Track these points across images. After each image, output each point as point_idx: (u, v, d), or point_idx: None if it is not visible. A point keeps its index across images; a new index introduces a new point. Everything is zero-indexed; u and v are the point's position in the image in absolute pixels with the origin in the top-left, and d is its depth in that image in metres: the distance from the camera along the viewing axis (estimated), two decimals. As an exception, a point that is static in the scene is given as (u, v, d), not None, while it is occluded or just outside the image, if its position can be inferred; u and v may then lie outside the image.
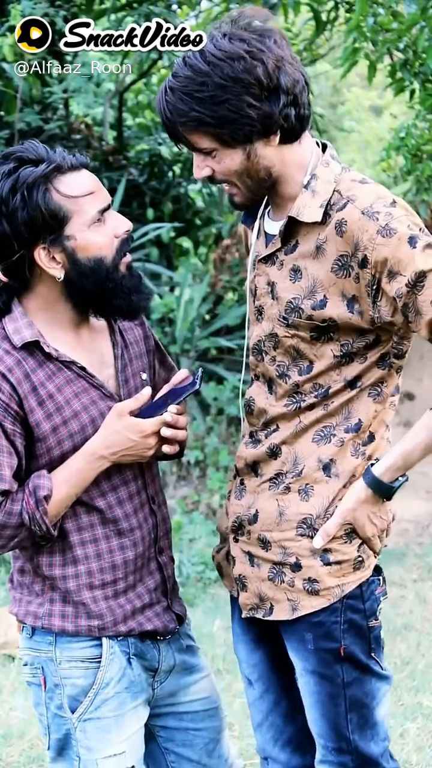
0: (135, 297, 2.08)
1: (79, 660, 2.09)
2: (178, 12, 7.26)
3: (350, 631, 2.05)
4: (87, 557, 2.08)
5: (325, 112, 10.48)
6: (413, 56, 5.02)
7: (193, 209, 8.28)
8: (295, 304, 2.01)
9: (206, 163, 1.99)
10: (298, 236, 2.02)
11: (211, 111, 1.90)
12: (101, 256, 2.02)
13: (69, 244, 2.00)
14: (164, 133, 8.35)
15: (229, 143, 1.94)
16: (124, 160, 8.02)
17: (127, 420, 2.03)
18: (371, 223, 1.93)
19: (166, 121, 1.97)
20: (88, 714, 2.08)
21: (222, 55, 1.89)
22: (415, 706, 3.69)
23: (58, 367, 2.04)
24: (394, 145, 5.85)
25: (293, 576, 2.05)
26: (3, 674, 4.19)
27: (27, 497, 2.01)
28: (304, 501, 2.06)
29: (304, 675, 2.08)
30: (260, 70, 1.90)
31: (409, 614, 4.72)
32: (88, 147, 7.88)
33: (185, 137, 1.97)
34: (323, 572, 2.04)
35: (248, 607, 2.13)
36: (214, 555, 2.28)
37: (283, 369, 2.05)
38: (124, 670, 2.11)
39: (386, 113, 12.21)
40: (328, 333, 2.01)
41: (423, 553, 5.68)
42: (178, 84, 1.92)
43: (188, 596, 5.27)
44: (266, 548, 2.08)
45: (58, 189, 1.98)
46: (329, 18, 6.25)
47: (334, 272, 1.97)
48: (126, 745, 2.11)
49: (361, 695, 2.07)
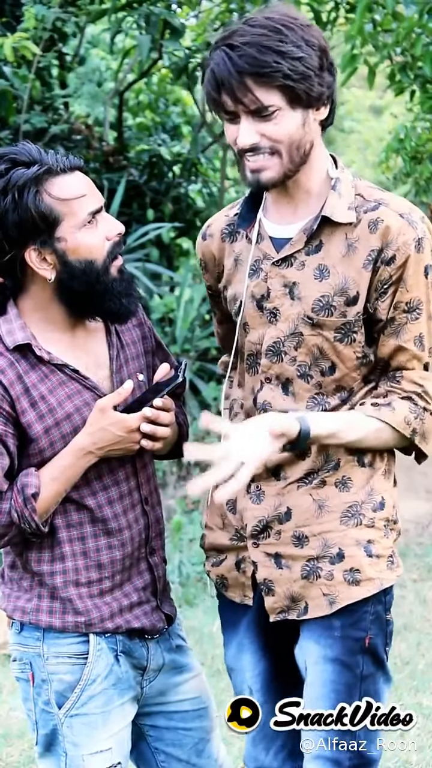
0: (125, 300, 2.09)
1: (66, 656, 2.10)
2: (179, 12, 7.25)
3: (376, 622, 2.09)
4: (74, 554, 2.09)
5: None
6: (411, 60, 5.04)
7: (193, 209, 8.27)
8: (325, 302, 2.03)
9: (258, 129, 1.95)
10: (322, 236, 2.04)
11: (291, 65, 1.90)
12: (92, 258, 2.03)
13: (59, 246, 2.01)
14: (165, 134, 8.36)
15: (299, 102, 1.94)
16: (124, 161, 8.01)
17: (111, 415, 2.03)
18: (410, 230, 2.00)
19: (231, 76, 1.91)
20: (75, 710, 2.09)
21: (291, 20, 1.93)
22: (415, 706, 3.70)
23: (51, 369, 2.06)
24: (393, 147, 5.86)
25: (332, 568, 2.06)
26: (3, 674, 4.19)
27: (15, 495, 2.02)
28: (344, 492, 2.08)
29: (323, 663, 2.08)
30: (323, 40, 1.96)
31: (409, 614, 4.73)
32: (88, 147, 7.88)
33: (252, 93, 1.91)
34: (366, 563, 2.07)
35: (277, 610, 2.11)
36: (210, 570, 2.21)
37: (304, 369, 2.06)
38: (111, 667, 2.11)
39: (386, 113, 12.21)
40: (351, 334, 2.04)
41: (423, 553, 5.68)
42: (253, 39, 1.90)
43: (188, 596, 5.26)
44: (301, 545, 2.08)
45: (49, 191, 1.99)
46: (329, 18, 6.24)
47: (364, 267, 2.01)
48: (112, 742, 2.11)
49: (373, 692, 2.10)
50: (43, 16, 5.98)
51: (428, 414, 2.07)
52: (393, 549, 2.13)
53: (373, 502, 2.09)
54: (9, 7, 6.93)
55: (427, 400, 2.06)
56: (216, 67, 1.93)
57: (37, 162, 1.99)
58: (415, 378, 2.06)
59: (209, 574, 2.23)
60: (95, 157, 7.85)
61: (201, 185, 8.38)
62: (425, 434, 2.08)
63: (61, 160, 2.01)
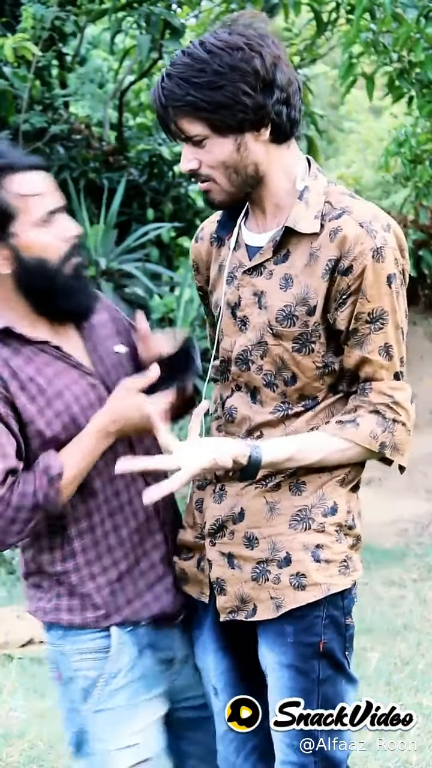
0: (82, 297, 2.10)
1: (88, 652, 2.10)
2: (179, 12, 7.26)
3: (330, 626, 2.06)
4: (84, 548, 2.09)
5: (325, 113, 10.47)
6: (409, 65, 5.04)
7: (193, 209, 8.28)
8: (288, 312, 2.03)
9: (195, 155, 2.01)
10: (290, 246, 2.04)
11: (206, 96, 1.93)
12: (45, 257, 2.04)
13: (13, 241, 2.02)
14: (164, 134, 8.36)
15: (221, 130, 1.96)
16: (124, 161, 8.02)
17: (137, 397, 2.03)
18: (368, 239, 1.97)
19: (160, 107, 1.98)
20: (100, 705, 2.09)
21: (222, 44, 1.93)
22: (415, 706, 3.70)
23: (34, 351, 2.07)
24: (392, 151, 5.86)
25: (279, 572, 2.05)
26: (3, 674, 4.20)
27: (39, 477, 2.01)
28: (297, 495, 2.06)
29: (278, 669, 2.07)
30: (257, 61, 1.94)
31: (409, 614, 4.73)
32: (88, 147, 7.89)
33: (177, 125, 1.98)
34: (312, 568, 2.04)
35: (227, 610, 2.10)
36: (177, 562, 2.22)
37: (270, 378, 2.06)
38: (134, 661, 2.11)
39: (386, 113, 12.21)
40: (308, 345, 2.03)
41: (423, 553, 5.68)
42: (176, 71, 1.95)
43: (188, 596, 5.27)
44: (252, 546, 2.07)
45: (7, 186, 2.01)
46: (330, 18, 6.25)
47: (322, 277, 2.00)
48: (140, 737, 2.10)
49: (333, 695, 2.07)
50: (42, 16, 5.98)
51: (399, 425, 2.05)
52: (347, 554, 2.09)
53: (324, 507, 2.07)
54: (9, 7, 6.93)
55: (396, 411, 2.04)
56: (152, 98, 2.02)
57: None
58: (384, 389, 2.05)
59: (175, 566, 2.22)
60: (95, 157, 7.86)
61: (201, 185, 8.38)
62: (396, 446, 2.06)
63: (23, 158, 2.04)
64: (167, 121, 2.00)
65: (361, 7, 4.74)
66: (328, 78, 11.85)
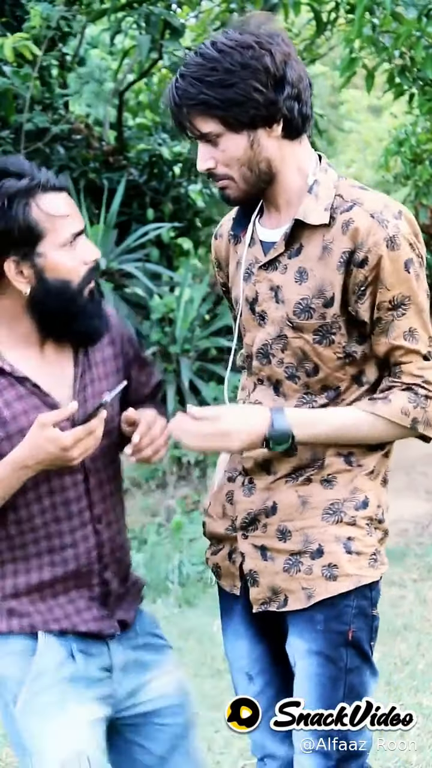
0: (96, 321, 2.11)
1: (14, 654, 2.11)
2: (179, 12, 7.25)
3: (359, 616, 2.11)
4: (16, 572, 2.10)
5: (325, 113, 10.47)
6: (410, 63, 5.04)
7: (193, 209, 8.28)
8: (305, 305, 2.07)
9: (210, 154, 2.06)
10: (302, 239, 2.08)
11: (218, 94, 1.98)
12: (68, 279, 2.05)
13: (39, 261, 2.02)
14: (165, 134, 8.36)
15: (234, 127, 2.01)
16: (124, 161, 8.02)
17: (48, 432, 1.99)
18: (380, 229, 2.02)
19: (174, 107, 2.04)
20: (27, 703, 2.09)
21: (232, 43, 1.99)
22: (415, 706, 3.70)
23: (10, 383, 2.06)
24: (392, 151, 5.86)
25: (311, 563, 2.09)
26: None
27: None
28: (328, 489, 2.11)
29: (307, 656, 2.10)
30: (268, 59, 1.99)
31: (409, 614, 4.73)
32: (88, 147, 7.89)
33: (191, 123, 2.04)
34: (344, 559, 2.09)
35: (260, 601, 2.15)
36: (209, 557, 2.29)
37: (291, 370, 2.10)
38: (62, 661, 2.11)
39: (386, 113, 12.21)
40: (329, 336, 2.07)
41: (423, 553, 5.68)
42: (189, 70, 2.01)
43: (188, 596, 5.27)
44: (285, 539, 2.12)
45: (39, 205, 2.01)
46: (329, 18, 6.25)
47: (338, 269, 2.04)
48: (72, 734, 2.09)
49: (358, 684, 2.12)
50: (48, 15, 5.98)
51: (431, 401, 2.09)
52: (377, 548, 2.15)
53: (356, 500, 2.12)
54: (9, 7, 6.93)
55: (428, 388, 2.08)
56: (166, 97, 2.07)
57: (28, 175, 2.02)
58: (413, 370, 2.08)
59: (207, 561, 2.30)
60: (95, 157, 7.85)
61: (201, 185, 8.38)
62: (430, 421, 2.09)
63: (51, 178, 2.05)
64: (182, 120, 2.05)
65: (362, 6, 4.74)
66: (328, 78, 11.84)
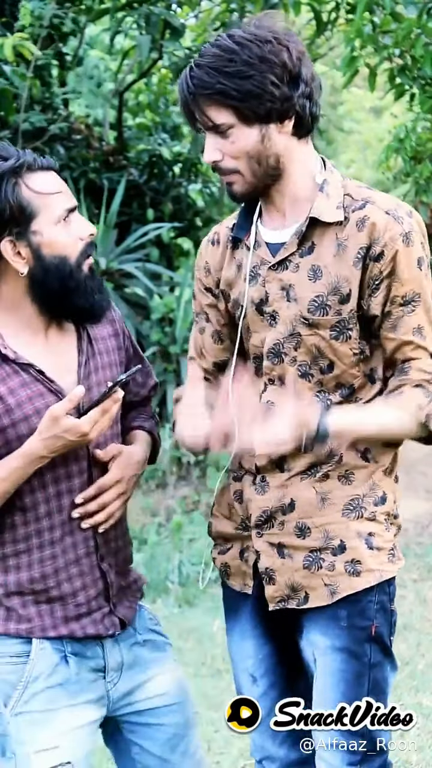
0: (97, 297, 2.11)
1: (8, 656, 2.10)
2: (179, 12, 7.25)
3: (381, 612, 2.13)
4: (18, 567, 2.09)
5: (325, 112, 10.48)
6: (411, 61, 5.05)
7: (193, 209, 8.28)
8: (320, 302, 2.08)
9: (219, 146, 2.05)
10: (314, 238, 2.10)
11: (235, 84, 1.98)
12: (65, 254, 2.05)
13: (35, 239, 2.03)
14: (165, 134, 8.36)
15: (248, 119, 2.02)
16: (124, 161, 8.02)
17: (64, 423, 1.99)
18: (396, 225, 2.05)
19: (188, 95, 2.03)
20: (18, 708, 2.09)
21: (251, 37, 2.00)
22: (415, 706, 3.70)
23: (14, 370, 2.06)
24: (393, 148, 5.86)
25: (334, 559, 2.10)
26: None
27: None
28: (347, 485, 2.12)
29: (331, 653, 2.11)
30: (285, 54, 2.00)
31: (409, 614, 4.73)
32: (88, 147, 7.89)
33: (204, 113, 2.03)
34: (366, 555, 2.11)
35: (277, 599, 2.15)
36: (216, 557, 2.28)
37: (305, 368, 2.11)
38: (55, 667, 2.10)
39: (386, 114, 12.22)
40: (346, 332, 2.08)
41: (423, 553, 5.68)
42: (206, 60, 2.01)
43: (188, 596, 5.27)
44: (303, 535, 2.12)
45: (27, 184, 2.02)
46: (330, 18, 6.25)
47: (354, 265, 2.06)
48: (60, 741, 2.09)
49: (381, 680, 2.14)
50: (40, 14, 5.97)
51: None
52: (394, 543, 2.17)
53: (375, 496, 2.13)
54: (8, 6, 6.93)
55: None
56: (179, 87, 2.06)
57: (13, 156, 2.03)
58: (423, 366, 2.09)
59: (214, 561, 2.29)
60: (95, 157, 7.85)
61: (201, 185, 8.38)
62: None
63: (38, 158, 2.05)
64: (193, 110, 2.04)
65: (362, 5, 4.74)
66: (328, 78, 11.84)
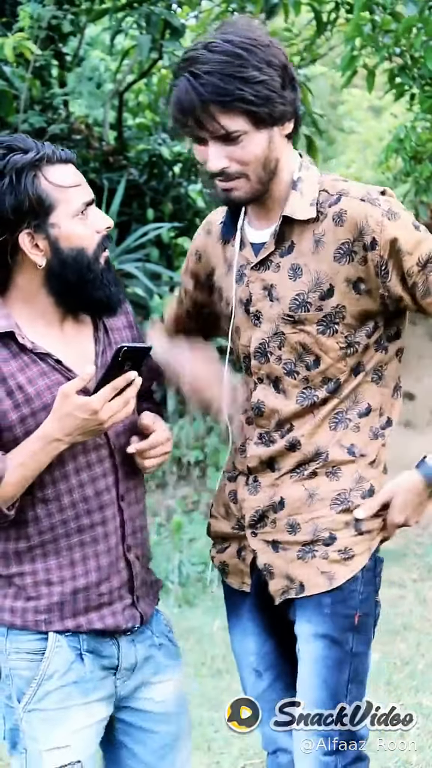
0: (114, 289, 2.12)
1: (24, 652, 2.11)
2: (179, 12, 7.25)
3: (366, 602, 2.14)
4: (45, 554, 2.09)
5: (325, 113, 10.46)
6: (411, 61, 5.05)
7: (193, 209, 8.28)
8: (301, 300, 2.08)
9: (226, 153, 2.02)
10: (292, 237, 2.10)
11: (253, 90, 1.96)
12: (83, 246, 2.06)
13: (53, 231, 2.03)
14: (165, 134, 8.35)
15: (263, 124, 2.00)
16: (124, 161, 8.01)
17: (74, 400, 1.99)
18: (375, 209, 2.04)
19: (198, 104, 1.96)
20: (32, 705, 2.09)
21: (251, 42, 1.98)
22: (415, 706, 3.70)
23: (32, 359, 2.06)
24: (393, 147, 5.86)
25: (326, 549, 2.12)
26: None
27: None
28: (334, 481, 2.14)
29: (314, 640, 2.12)
30: (283, 57, 2.01)
31: (408, 614, 4.73)
32: (88, 147, 7.88)
33: (216, 120, 1.98)
34: (357, 540, 2.13)
35: (280, 592, 2.17)
36: (215, 556, 2.30)
37: (290, 366, 2.12)
38: (70, 665, 2.11)
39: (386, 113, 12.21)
40: (333, 326, 2.08)
41: (423, 553, 5.68)
42: (213, 67, 1.95)
43: (188, 596, 5.27)
44: (294, 532, 2.14)
45: (47, 177, 2.02)
46: (329, 18, 6.25)
47: (337, 261, 2.06)
48: (71, 740, 2.10)
49: (362, 670, 2.15)
50: (39, 15, 5.97)
51: None
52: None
53: (362, 489, 2.15)
54: (9, 7, 6.93)
55: None
56: (181, 95, 1.99)
57: (33, 149, 2.03)
58: None
59: (213, 560, 2.31)
60: (95, 157, 7.85)
61: (201, 185, 8.38)
62: None
63: (57, 150, 2.06)
64: (201, 119, 1.98)
65: (359, 4, 4.75)
66: (328, 78, 11.83)
